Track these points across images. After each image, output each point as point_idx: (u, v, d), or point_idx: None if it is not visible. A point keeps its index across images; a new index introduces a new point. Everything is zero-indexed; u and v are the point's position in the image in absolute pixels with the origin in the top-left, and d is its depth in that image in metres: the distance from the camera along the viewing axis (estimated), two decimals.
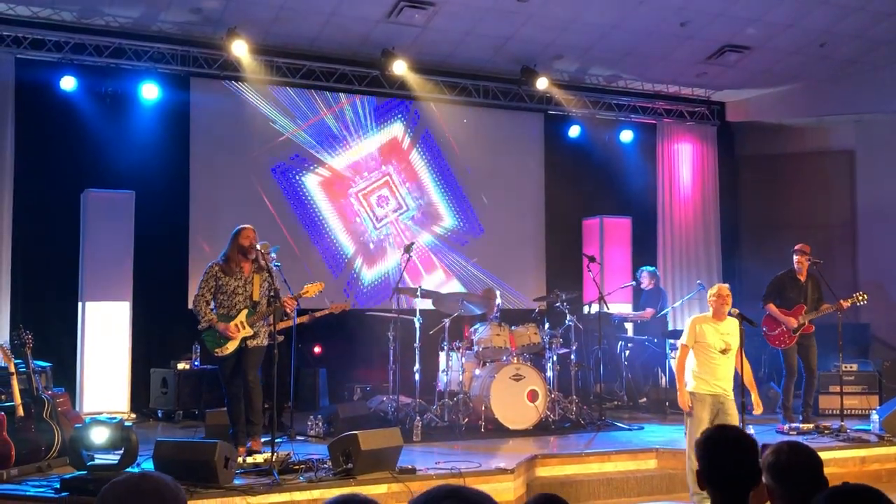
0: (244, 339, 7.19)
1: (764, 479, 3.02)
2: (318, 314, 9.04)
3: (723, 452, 3.03)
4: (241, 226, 7.38)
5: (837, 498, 2.38)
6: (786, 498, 2.92)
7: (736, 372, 6.89)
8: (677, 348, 7.37)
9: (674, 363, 8.68)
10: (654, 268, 11.52)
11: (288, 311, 7.55)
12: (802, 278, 9.35)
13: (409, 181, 11.78)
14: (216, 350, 7.18)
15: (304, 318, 8.75)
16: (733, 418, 6.76)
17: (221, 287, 7.19)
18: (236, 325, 7.15)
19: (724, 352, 6.82)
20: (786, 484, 2.93)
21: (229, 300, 7.19)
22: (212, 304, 7.21)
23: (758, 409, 7.02)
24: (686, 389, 6.91)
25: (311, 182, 11.26)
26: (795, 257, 9.39)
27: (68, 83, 9.91)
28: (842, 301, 9.06)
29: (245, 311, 7.20)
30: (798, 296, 9.30)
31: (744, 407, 6.84)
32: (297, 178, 11.19)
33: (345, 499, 2.10)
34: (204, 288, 7.18)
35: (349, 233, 11.45)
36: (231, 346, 7.16)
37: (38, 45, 9.86)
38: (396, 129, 11.73)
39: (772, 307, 9.31)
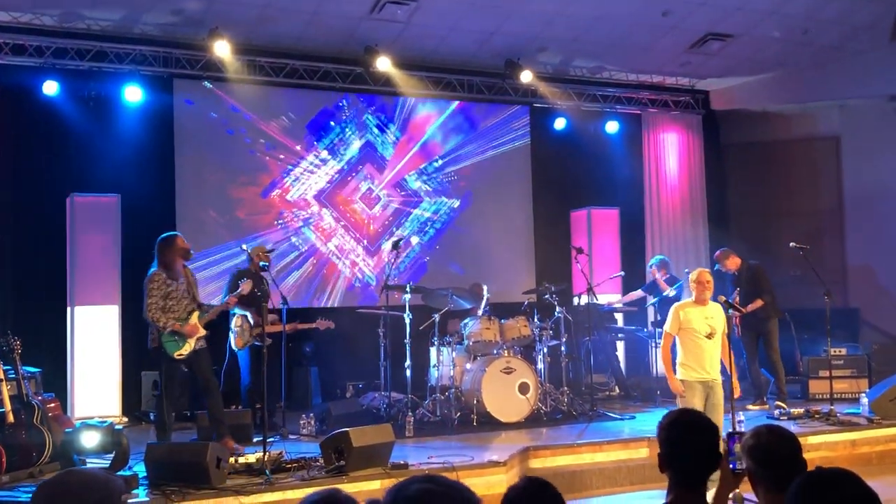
0: (196, 341, 7.41)
1: (744, 463, 3.05)
2: (301, 326, 9.11)
3: (683, 436, 3.06)
4: (173, 232, 7.78)
5: (812, 483, 2.40)
6: (765, 480, 2.95)
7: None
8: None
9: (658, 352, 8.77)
10: (662, 256, 11.43)
11: (231, 307, 7.99)
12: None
13: (389, 180, 11.80)
14: (177, 353, 7.37)
15: (289, 328, 8.79)
16: (719, 406, 6.80)
17: (170, 293, 7.37)
18: (195, 325, 7.42)
19: (709, 336, 6.86)
20: (765, 466, 2.96)
21: (178, 304, 7.39)
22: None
23: (736, 393, 7.05)
24: (675, 376, 6.97)
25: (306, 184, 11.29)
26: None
27: (51, 88, 9.87)
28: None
29: (196, 314, 7.44)
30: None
31: (732, 394, 6.87)
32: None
33: (322, 496, 2.10)
34: (156, 295, 7.34)
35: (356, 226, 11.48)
36: (189, 347, 7.40)
37: (20, 50, 9.80)
38: (377, 127, 11.75)
39: None
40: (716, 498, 3.35)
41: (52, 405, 7.58)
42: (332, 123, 11.48)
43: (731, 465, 3.23)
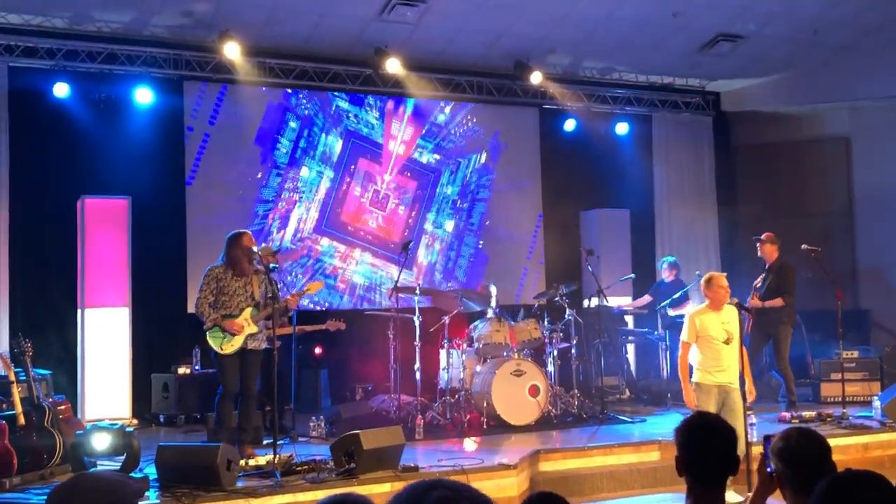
0: (247, 339, 7.27)
1: (774, 465, 3.03)
2: (309, 328, 9.09)
3: (700, 440, 3.04)
4: (241, 230, 7.52)
5: (838, 485, 2.38)
6: (794, 483, 2.93)
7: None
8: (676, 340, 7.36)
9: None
10: (674, 258, 11.38)
11: (291, 307, 7.75)
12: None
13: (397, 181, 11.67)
14: (222, 347, 7.25)
15: (297, 330, 8.73)
16: (737, 411, 6.73)
17: (223, 288, 7.30)
18: (241, 323, 7.27)
19: (727, 342, 6.80)
20: (794, 469, 2.94)
21: (231, 300, 7.30)
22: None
23: (750, 397, 7.00)
24: (691, 385, 6.91)
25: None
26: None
27: (61, 90, 9.89)
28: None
29: (249, 309, 7.33)
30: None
31: (745, 396, 6.82)
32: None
33: (339, 499, 2.08)
34: (206, 290, 7.28)
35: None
36: (237, 343, 7.27)
37: (31, 52, 9.83)
38: (388, 126, 11.67)
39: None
40: (752, 501, 3.32)
41: (63, 407, 7.56)
42: (294, 125, 11.05)
43: (767, 468, 3.20)
